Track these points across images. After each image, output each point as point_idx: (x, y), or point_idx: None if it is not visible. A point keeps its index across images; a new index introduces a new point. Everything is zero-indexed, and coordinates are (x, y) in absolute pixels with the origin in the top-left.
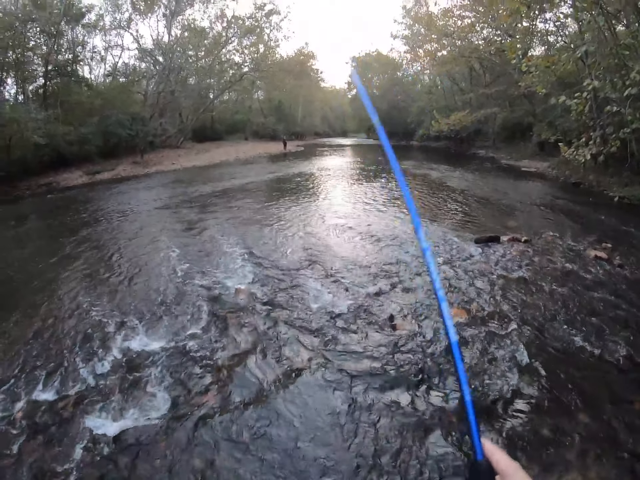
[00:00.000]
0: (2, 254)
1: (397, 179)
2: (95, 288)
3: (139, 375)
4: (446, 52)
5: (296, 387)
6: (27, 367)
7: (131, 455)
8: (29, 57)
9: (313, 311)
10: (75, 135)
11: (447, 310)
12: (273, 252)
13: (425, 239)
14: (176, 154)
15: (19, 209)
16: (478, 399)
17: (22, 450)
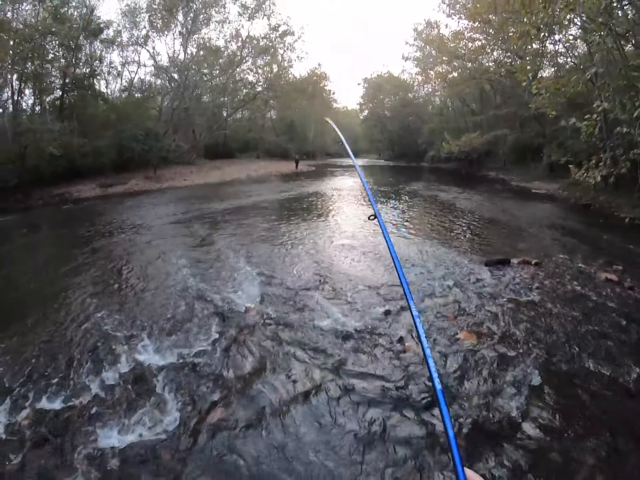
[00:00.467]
0: (14, 263)
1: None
2: (105, 300)
3: (146, 389)
4: (457, 73)
5: (304, 408)
6: (34, 375)
7: (136, 469)
8: (48, 69)
9: (322, 331)
10: (89, 147)
11: (432, 362)
12: (283, 270)
13: (415, 307)
14: (188, 171)
15: (32, 218)
16: (482, 423)
17: (26, 459)
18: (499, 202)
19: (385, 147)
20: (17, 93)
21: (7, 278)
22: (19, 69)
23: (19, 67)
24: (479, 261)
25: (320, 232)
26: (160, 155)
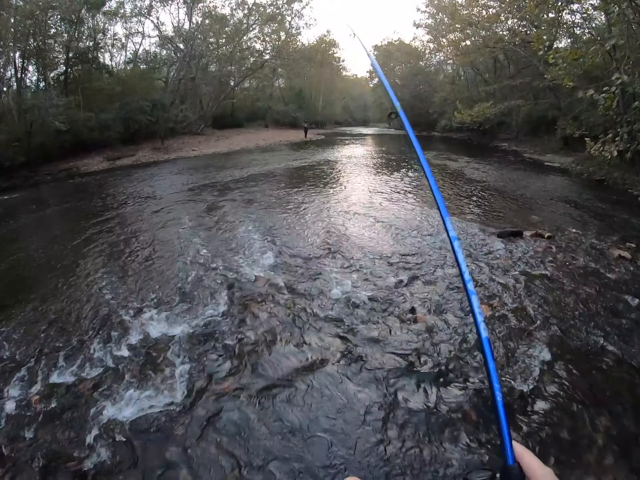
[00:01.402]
0: (24, 238)
1: (423, 167)
2: (115, 272)
3: (157, 360)
4: (470, 42)
5: (315, 377)
6: (45, 349)
7: (147, 440)
8: (50, 45)
9: (333, 300)
10: (96, 121)
11: (477, 304)
12: (294, 239)
13: (452, 228)
14: (197, 141)
15: (40, 193)
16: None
17: (37, 433)
18: (511, 174)
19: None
20: (20, 70)
21: (17, 253)
22: (21, 45)
23: (21, 44)
24: (491, 232)
25: (331, 201)
26: (168, 126)
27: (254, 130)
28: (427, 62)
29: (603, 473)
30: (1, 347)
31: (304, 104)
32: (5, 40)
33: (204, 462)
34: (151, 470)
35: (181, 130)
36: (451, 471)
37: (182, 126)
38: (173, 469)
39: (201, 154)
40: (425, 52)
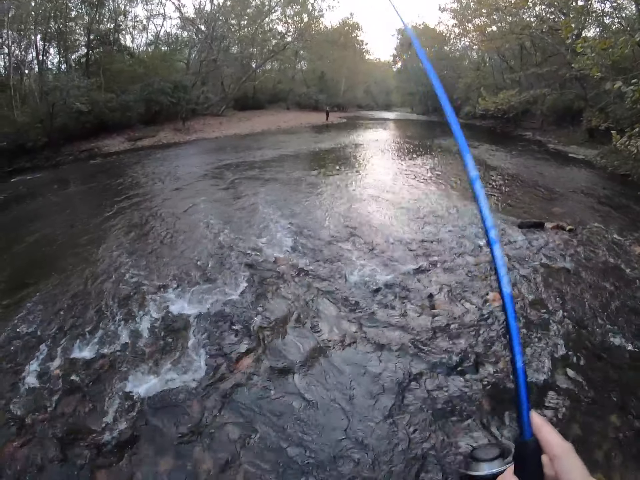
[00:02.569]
0: (46, 217)
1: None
2: (135, 251)
3: (175, 338)
4: (496, 27)
5: (331, 359)
6: (66, 325)
7: (164, 416)
8: (71, 27)
9: (352, 284)
10: (117, 102)
11: (500, 254)
12: (314, 222)
13: (474, 167)
14: (218, 122)
15: (62, 173)
16: (505, 387)
17: (58, 406)
18: (534, 164)
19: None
20: (41, 53)
21: (39, 232)
22: (42, 28)
23: (42, 27)
24: (512, 222)
25: (352, 184)
26: (189, 108)
27: (276, 112)
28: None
29: (611, 471)
30: (24, 323)
31: (326, 86)
32: (26, 24)
33: (219, 438)
34: (167, 444)
35: (202, 111)
36: (459, 451)
37: (204, 107)
38: (188, 443)
39: (222, 135)
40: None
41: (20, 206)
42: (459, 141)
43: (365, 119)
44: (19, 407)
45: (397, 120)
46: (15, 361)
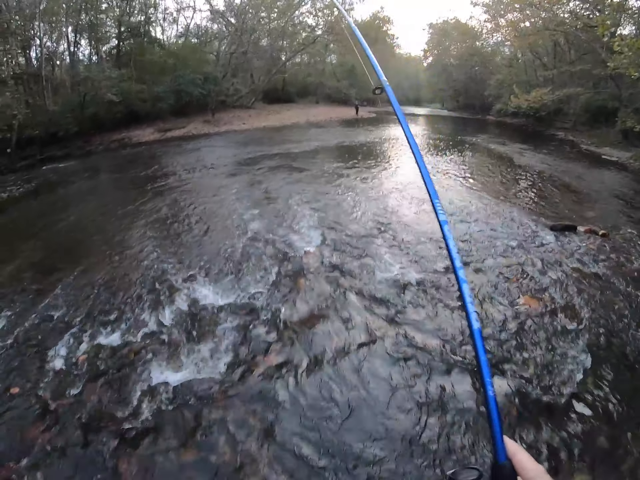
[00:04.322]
0: (76, 204)
1: (411, 147)
2: (164, 240)
3: (202, 329)
4: (529, 23)
5: (358, 359)
6: (94, 312)
7: (188, 407)
8: (102, 20)
9: (381, 281)
10: (148, 93)
11: (468, 292)
12: (344, 216)
13: (443, 212)
14: (247, 114)
15: (92, 162)
16: (530, 396)
17: (83, 392)
18: (566, 165)
19: (449, 97)
20: (73, 44)
21: (71, 219)
22: (74, 21)
23: (74, 19)
24: (544, 224)
25: (382, 179)
26: (219, 99)
27: (305, 105)
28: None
29: None
30: (53, 307)
31: (355, 81)
32: (57, 16)
33: (243, 432)
34: (191, 435)
35: (232, 103)
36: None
37: (233, 100)
38: (212, 434)
39: (251, 127)
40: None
41: (51, 193)
42: (425, 180)
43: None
44: (44, 391)
45: (427, 116)
46: (44, 345)
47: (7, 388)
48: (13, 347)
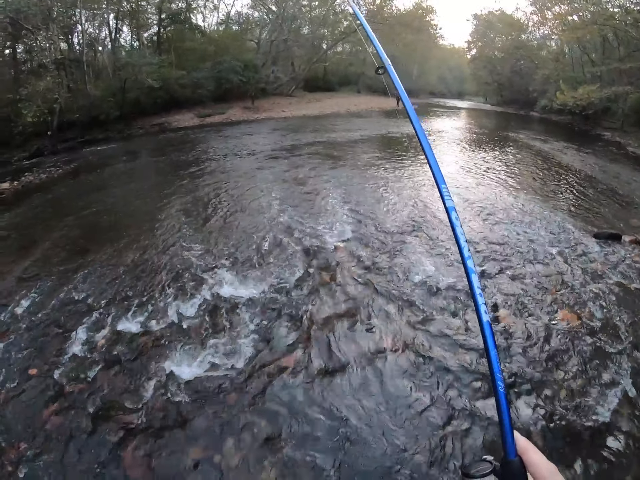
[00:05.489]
0: (112, 187)
1: (417, 133)
2: (194, 227)
3: (223, 322)
4: (577, 17)
5: (382, 367)
6: (118, 296)
7: (200, 403)
8: (143, 7)
9: (413, 283)
10: (188, 79)
11: (478, 284)
12: (378, 210)
13: (450, 197)
14: (287, 102)
15: (132, 145)
16: (563, 420)
17: (97, 377)
18: (611, 168)
19: (493, 91)
20: (114, 31)
21: (106, 201)
22: (115, 8)
23: (115, 6)
24: (587, 230)
25: (419, 174)
26: (259, 87)
27: (346, 95)
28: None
29: None
30: (78, 289)
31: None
32: (99, 3)
33: (252, 435)
34: (199, 433)
35: (272, 91)
36: None
37: (273, 87)
38: (220, 435)
39: (291, 115)
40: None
41: (90, 175)
42: (434, 169)
43: (437, 107)
44: (61, 373)
45: (470, 110)
46: (66, 327)
47: (26, 368)
48: (38, 327)
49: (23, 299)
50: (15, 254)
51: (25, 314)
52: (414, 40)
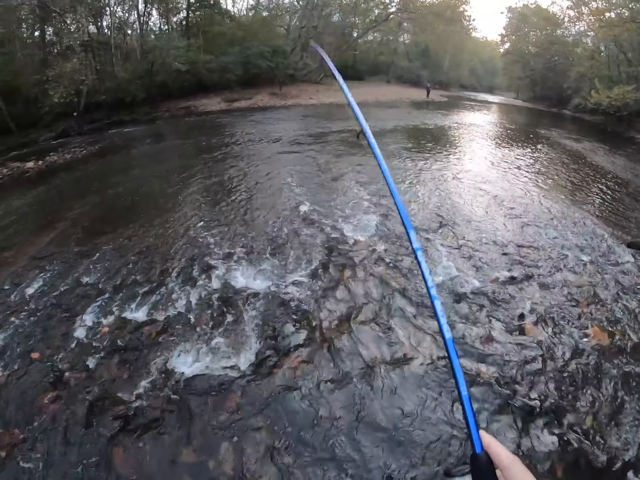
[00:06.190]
0: (134, 169)
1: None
2: (212, 212)
3: (231, 316)
4: (615, 14)
5: (396, 377)
6: (127, 281)
7: (198, 402)
8: None
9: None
10: (215, 63)
11: (440, 307)
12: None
13: (416, 240)
14: (315, 89)
15: (157, 128)
16: (589, 453)
17: (97, 366)
18: None
19: (525, 86)
20: (143, 15)
21: (126, 183)
22: None
23: None
24: (620, 238)
25: (447, 168)
26: (287, 73)
27: (375, 84)
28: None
29: None
30: (89, 272)
31: (429, 62)
32: None
33: (249, 442)
34: (194, 434)
35: (300, 77)
36: None
37: (302, 74)
38: (216, 438)
39: (319, 102)
40: (564, 20)
41: (113, 156)
42: (403, 219)
43: (467, 100)
44: (62, 359)
45: (501, 105)
46: (72, 311)
47: (29, 351)
48: (45, 309)
49: (34, 280)
50: (33, 233)
51: (35, 295)
52: (447, 31)
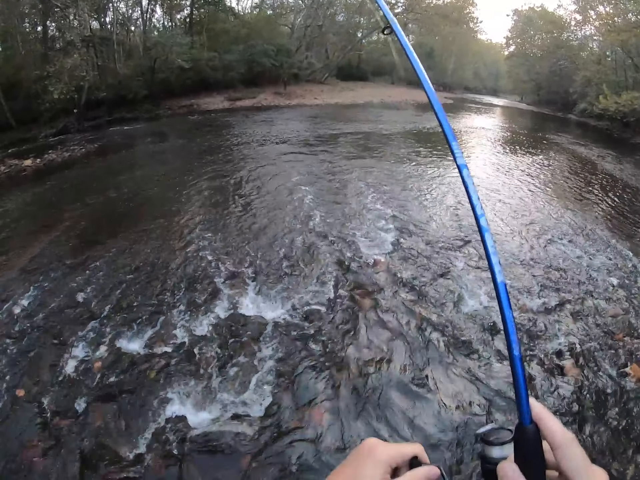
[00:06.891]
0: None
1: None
2: (215, 223)
3: (240, 352)
4: (621, 19)
5: (422, 431)
6: (123, 303)
7: (204, 462)
8: None
9: (464, 315)
10: (219, 61)
11: (492, 244)
12: (421, 217)
13: (461, 155)
14: (319, 89)
15: (159, 126)
16: None
17: (89, 412)
18: None
19: (530, 90)
20: (147, 11)
21: (124, 186)
22: None
23: None
24: (636, 246)
25: None
26: (291, 72)
27: (380, 85)
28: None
29: None
30: (81, 291)
31: (433, 64)
32: None
33: None
34: None
35: (305, 77)
36: None
37: (306, 73)
38: None
39: (323, 103)
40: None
41: (113, 156)
42: (444, 127)
43: (472, 103)
44: (50, 400)
45: (506, 108)
46: (62, 336)
47: (14, 387)
48: (32, 332)
49: (23, 297)
50: (25, 238)
51: (22, 315)
52: (452, 33)
